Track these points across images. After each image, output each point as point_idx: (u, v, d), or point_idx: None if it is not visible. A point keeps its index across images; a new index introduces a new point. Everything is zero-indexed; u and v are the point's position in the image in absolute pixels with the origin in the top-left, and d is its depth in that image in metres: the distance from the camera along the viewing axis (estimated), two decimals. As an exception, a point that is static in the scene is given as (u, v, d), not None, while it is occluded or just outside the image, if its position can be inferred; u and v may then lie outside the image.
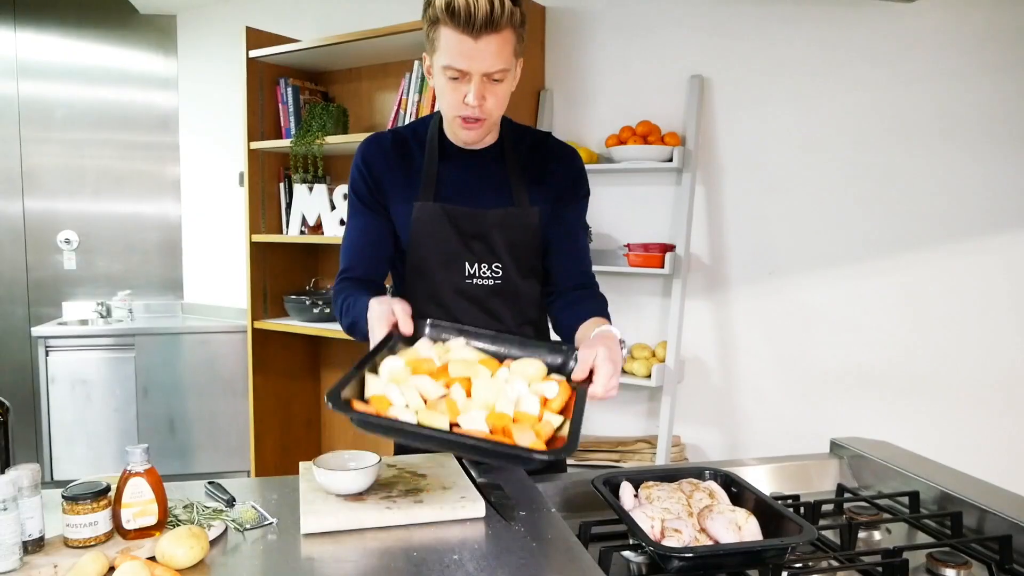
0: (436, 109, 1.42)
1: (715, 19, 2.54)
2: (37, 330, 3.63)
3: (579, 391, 1.06)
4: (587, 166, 2.64)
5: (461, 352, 1.06)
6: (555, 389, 1.03)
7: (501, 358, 1.14)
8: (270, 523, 1.17)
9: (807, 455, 1.53)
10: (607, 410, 2.84)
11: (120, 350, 3.66)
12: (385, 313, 1.19)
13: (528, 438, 0.96)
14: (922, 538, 1.20)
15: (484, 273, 1.40)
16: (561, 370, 1.12)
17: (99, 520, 1.03)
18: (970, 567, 1.05)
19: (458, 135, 1.37)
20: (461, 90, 1.26)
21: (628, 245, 2.61)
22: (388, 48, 3.00)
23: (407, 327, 1.15)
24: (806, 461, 1.48)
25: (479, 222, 1.38)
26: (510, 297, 1.42)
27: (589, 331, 1.28)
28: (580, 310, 1.40)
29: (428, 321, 1.17)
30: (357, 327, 1.30)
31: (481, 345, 1.12)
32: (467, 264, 1.39)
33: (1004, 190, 2.13)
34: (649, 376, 2.52)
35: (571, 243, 1.47)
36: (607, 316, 1.38)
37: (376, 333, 1.17)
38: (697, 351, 2.66)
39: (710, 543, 1.02)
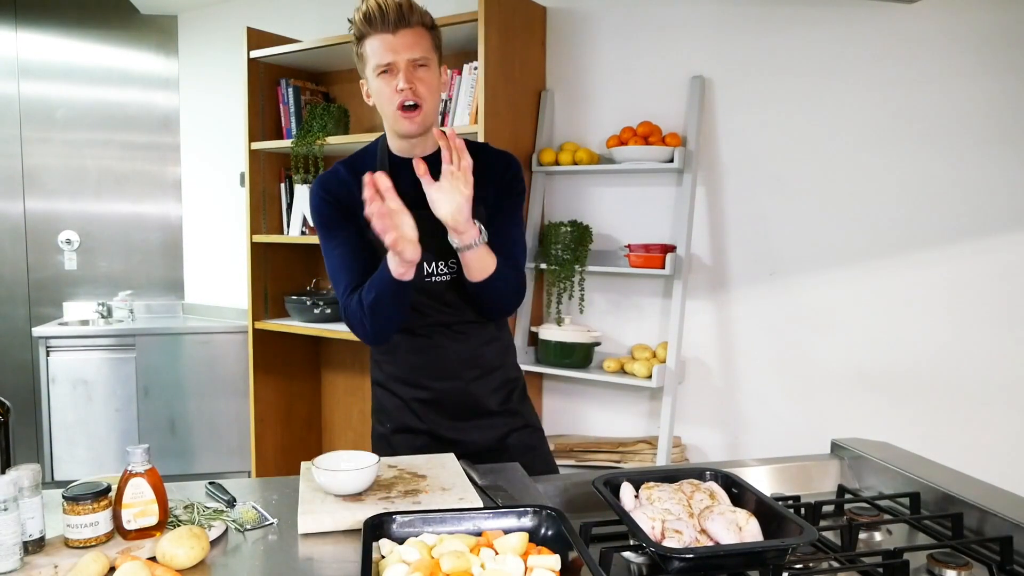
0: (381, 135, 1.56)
1: (716, 20, 2.54)
2: (38, 330, 3.64)
3: None
4: (588, 167, 2.67)
5: (446, 545, 1.01)
6: (554, 560, 0.97)
7: (477, 533, 1.05)
8: (270, 523, 1.17)
9: (808, 456, 1.53)
10: (608, 410, 2.84)
11: (121, 350, 3.66)
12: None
13: None
14: (923, 539, 1.20)
15: (441, 270, 1.49)
16: (536, 533, 1.07)
17: (100, 520, 1.03)
18: (971, 568, 1.05)
19: (399, 128, 1.45)
20: (392, 82, 1.40)
21: (629, 246, 2.61)
22: (389, 48, 3.00)
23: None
24: (807, 462, 1.48)
25: (429, 222, 1.39)
26: (466, 289, 1.48)
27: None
28: None
29: (395, 518, 1.09)
30: (379, 292, 1.40)
31: (450, 528, 1.06)
32: (424, 264, 1.47)
33: (1003, 191, 2.13)
34: (650, 377, 2.52)
35: (501, 235, 1.50)
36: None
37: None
38: (698, 352, 2.66)
39: (711, 544, 1.02)
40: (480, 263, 1.41)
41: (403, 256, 1.31)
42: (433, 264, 1.49)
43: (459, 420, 1.57)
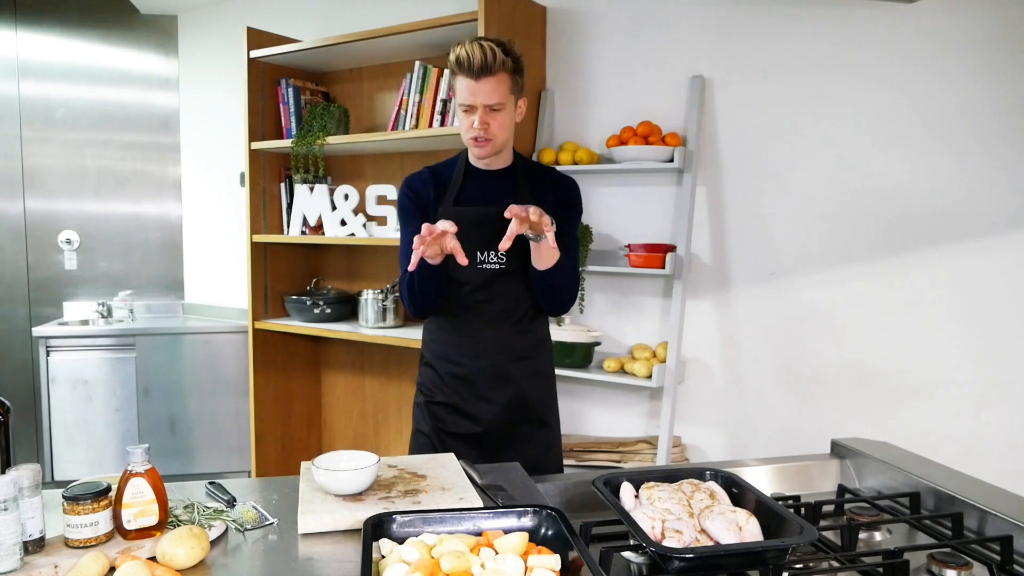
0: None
1: (716, 19, 2.54)
2: (38, 330, 3.63)
3: None
4: (588, 167, 2.67)
5: (446, 544, 1.00)
6: (554, 560, 0.97)
7: (477, 532, 1.06)
8: (271, 523, 1.17)
9: (808, 456, 1.53)
10: (608, 410, 2.84)
11: (121, 350, 3.66)
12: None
13: None
14: (923, 539, 1.20)
15: (491, 259, 1.73)
16: (536, 533, 1.07)
17: (100, 520, 1.03)
18: (971, 568, 1.05)
19: (471, 152, 1.74)
20: (471, 119, 1.66)
21: (629, 245, 2.61)
22: (389, 48, 3.00)
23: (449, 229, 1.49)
24: (807, 462, 1.48)
25: (486, 218, 1.70)
26: (512, 280, 1.74)
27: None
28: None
29: (395, 518, 1.07)
30: (414, 274, 1.64)
31: (450, 528, 1.05)
32: (477, 252, 1.72)
33: (1003, 190, 2.13)
34: (650, 376, 2.52)
35: (560, 245, 1.70)
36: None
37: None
38: (698, 351, 2.66)
39: (711, 544, 1.02)
40: (548, 252, 1.62)
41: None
42: (485, 253, 1.72)
43: (484, 396, 1.76)
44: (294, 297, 3.27)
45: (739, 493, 1.16)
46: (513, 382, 1.77)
